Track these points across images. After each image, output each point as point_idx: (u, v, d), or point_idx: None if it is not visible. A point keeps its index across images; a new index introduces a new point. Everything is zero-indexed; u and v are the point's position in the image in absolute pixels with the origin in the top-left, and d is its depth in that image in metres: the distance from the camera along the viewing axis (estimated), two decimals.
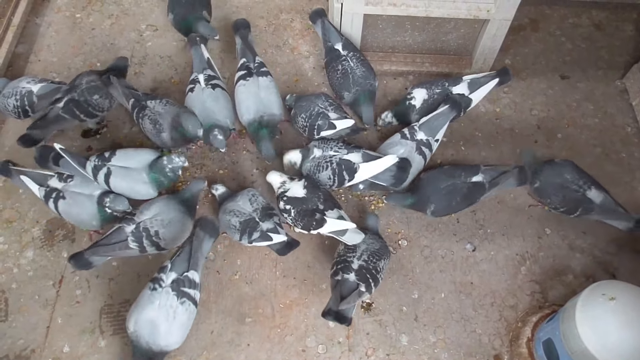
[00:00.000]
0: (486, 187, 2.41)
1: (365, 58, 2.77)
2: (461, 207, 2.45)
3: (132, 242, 2.22)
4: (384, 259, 2.24)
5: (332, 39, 2.77)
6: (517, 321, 2.37)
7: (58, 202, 2.34)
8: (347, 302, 2.09)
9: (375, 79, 2.75)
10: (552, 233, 2.58)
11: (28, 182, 2.39)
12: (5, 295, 2.37)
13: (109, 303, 2.37)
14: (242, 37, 2.78)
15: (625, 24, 3.28)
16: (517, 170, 2.43)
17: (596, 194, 2.38)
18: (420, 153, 2.50)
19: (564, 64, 3.12)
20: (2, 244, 2.49)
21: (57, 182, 2.39)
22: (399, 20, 2.81)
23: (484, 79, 2.66)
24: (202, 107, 2.56)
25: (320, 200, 2.35)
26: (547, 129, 2.87)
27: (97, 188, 2.38)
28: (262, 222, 2.30)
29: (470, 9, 2.64)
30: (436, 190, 2.41)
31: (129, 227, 2.24)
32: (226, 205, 2.38)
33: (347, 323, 2.13)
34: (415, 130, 2.53)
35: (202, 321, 2.34)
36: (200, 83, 2.60)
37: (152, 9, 3.26)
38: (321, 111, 2.56)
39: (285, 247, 2.35)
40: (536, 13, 3.31)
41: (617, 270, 2.49)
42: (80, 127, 2.80)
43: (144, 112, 2.50)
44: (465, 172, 2.44)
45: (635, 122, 2.90)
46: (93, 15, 3.23)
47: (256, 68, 2.67)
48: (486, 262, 2.50)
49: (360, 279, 2.14)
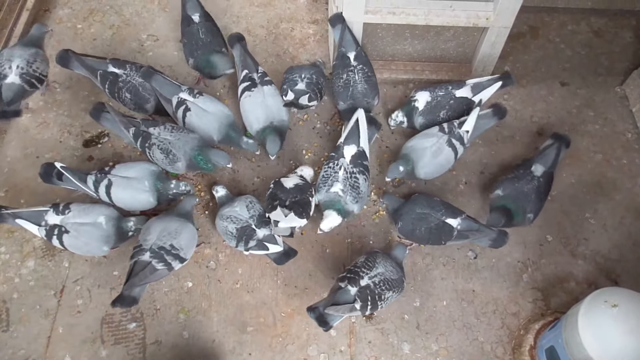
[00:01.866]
0: (454, 234, 2.32)
1: (372, 74, 2.73)
2: (424, 239, 2.38)
3: (158, 264, 2.20)
4: (393, 291, 2.16)
5: (347, 47, 2.72)
6: (520, 329, 2.36)
7: (62, 238, 2.28)
8: (336, 310, 2.07)
9: (376, 98, 2.73)
10: (554, 240, 2.57)
11: (25, 224, 2.30)
12: (6, 305, 2.37)
13: (110, 313, 2.36)
14: (243, 48, 2.78)
15: (624, 30, 3.29)
16: (497, 234, 2.33)
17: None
18: (450, 145, 2.49)
19: (564, 71, 3.12)
20: (4, 253, 2.49)
21: (54, 216, 2.30)
22: (398, 28, 2.82)
23: (487, 82, 2.66)
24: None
25: (294, 198, 2.37)
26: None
27: (99, 213, 2.33)
28: (259, 229, 2.30)
29: (470, 17, 2.65)
30: (410, 212, 2.37)
31: (146, 255, 2.19)
32: (223, 211, 2.38)
33: (325, 328, 2.10)
34: (454, 126, 2.53)
35: (204, 330, 2.33)
36: (188, 99, 2.57)
37: (153, 19, 3.28)
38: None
39: (283, 256, 2.35)
40: (535, 20, 3.32)
41: (619, 277, 2.48)
42: (82, 138, 2.81)
43: (150, 141, 2.46)
44: (445, 209, 2.35)
45: (636, 128, 2.90)
46: (94, 26, 3.25)
47: (260, 78, 2.68)
48: (488, 270, 2.50)
49: (361, 297, 2.09)
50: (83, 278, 2.43)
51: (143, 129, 2.48)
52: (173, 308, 2.38)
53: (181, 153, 2.46)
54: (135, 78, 2.63)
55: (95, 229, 2.30)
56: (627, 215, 2.64)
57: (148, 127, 2.48)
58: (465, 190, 2.71)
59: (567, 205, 2.65)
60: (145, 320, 2.35)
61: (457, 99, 2.64)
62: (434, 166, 2.52)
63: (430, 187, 2.69)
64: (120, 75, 2.62)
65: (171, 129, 2.50)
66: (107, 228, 2.31)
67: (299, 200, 2.39)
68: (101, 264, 2.46)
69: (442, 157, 2.49)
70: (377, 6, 2.65)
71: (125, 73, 2.63)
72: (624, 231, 2.60)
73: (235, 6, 3.35)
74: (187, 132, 2.52)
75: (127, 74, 2.63)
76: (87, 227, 2.29)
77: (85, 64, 2.64)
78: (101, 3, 3.35)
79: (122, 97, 2.63)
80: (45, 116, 2.88)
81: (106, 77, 2.62)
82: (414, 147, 2.52)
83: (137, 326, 2.34)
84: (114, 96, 2.65)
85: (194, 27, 2.81)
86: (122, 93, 2.62)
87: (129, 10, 3.33)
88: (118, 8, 3.33)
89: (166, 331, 2.33)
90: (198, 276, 2.45)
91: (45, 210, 2.31)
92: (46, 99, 2.93)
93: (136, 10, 3.33)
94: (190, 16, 2.84)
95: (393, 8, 2.65)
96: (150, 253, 2.19)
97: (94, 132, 2.83)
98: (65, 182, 2.42)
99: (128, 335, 2.32)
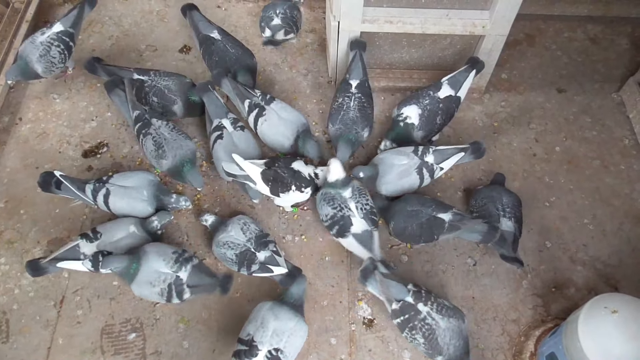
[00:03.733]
0: (445, 227, 2.32)
1: (369, 106, 2.65)
2: (416, 236, 2.38)
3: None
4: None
5: (352, 74, 2.66)
6: (520, 335, 2.36)
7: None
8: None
9: (366, 130, 2.64)
10: (553, 246, 2.57)
11: (67, 264, 2.28)
12: (6, 316, 2.36)
13: (110, 323, 2.36)
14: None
15: (620, 37, 3.31)
16: (488, 229, 2.33)
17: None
18: (419, 173, 2.49)
19: (561, 78, 3.14)
20: (4, 264, 2.49)
21: (88, 245, 2.30)
22: (395, 37, 2.84)
23: (460, 74, 2.65)
24: (235, 151, 2.48)
25: (284, 173, 2.41)
26: (546, 142, 2.88)
27: (128, 224, 2.35)
28: (259, 252, 2.29)
29: (466, 25, 2.67)
30: (402, 210, 2.39)
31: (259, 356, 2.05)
32: (219, 238, 2.35)
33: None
34: (427, 151, 2.50)
35: (204, 340, 2.33)
36: (227, 128, 2.57)
37: (151, 30, 3.30)
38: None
39: (288, 277, 2.33)
40: (532, 28, 3.34)
41: (619, 282, 2.49)
42: (81, 148, 2.82)
43: (147, 129, 2.52)
44: (436, 205, 2.37)
45: (633, 134, 2.91)
46: (93, 37, 3.27)
47: (262, 99, 2.63)
48: (487, 276, 2.50)
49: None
50: (83, 288, 2.43)
51: (147, 116, 2.54)
52: (173, 318, 2.38)
53: (171, 154, 2.49)
54: (160, 82, 2.69)
55: (132, 239, 2.33)
56: (625, 221, 2.64)
57: (152, 116, 2.55)
58: (463, 197, 2.71)
59: (565, 211, 2.66)
60: (145, 330, 2.35)
61: (444, 99, 2.62)
62: (396, 186, 2.51)
63: (429, 194, 2.69)
64: (145, 81, 2.69)
65: (172, 128, 2.54)
66: (140, 234, 2.34)
67: (283, 177, 2.40)
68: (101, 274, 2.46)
69: (406, 180, 2.48)
70: (374, 15, 2.67)
71: (150, 79, 2.70)
72: (623, 237, 2.60)
73: (233, 16, 3.37)
74: (185, 138, 2.55)
75: (151, 79, 2.70)
76: (124, 240, 2.32)
77: (112, 72, 2.75)
78: (100, 14, 3.37)
79: (150, 101, 2.69)
80: (45, 127, 2.89)
81: (132, 84, 2.68)
82: (384, 160, 2.51)
83: (136, 336, 2.33)
84: (141, 102, 2.70)
85: (220, 44, 2.84)
86: (149, 97, 2.68)
87: (128, 21, 3.35)
88: (117, 19, 3.35)
89: (166, 341, 2.33)
90: None
91: (76, 244, 2.30)
92: (45, 109, 2.94)
93: (135, 20, 3.36)
94: (209, 35, 2.86)
95: (390, 17, 2.67)
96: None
97: (93, 142, 2.84)
98: (64, 191, 2.43)
99: (128, 346, 2.31)
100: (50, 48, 2.72)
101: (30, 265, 2.28)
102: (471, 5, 2.64)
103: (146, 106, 2.68)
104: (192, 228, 2.58)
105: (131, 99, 2.57)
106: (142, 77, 2.70)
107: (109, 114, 2.94)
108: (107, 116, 2.93)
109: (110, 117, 2.93)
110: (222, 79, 2.65)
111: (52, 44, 2.72)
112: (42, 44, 2.71)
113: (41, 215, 2.60)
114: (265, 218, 2.63)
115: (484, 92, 3.05)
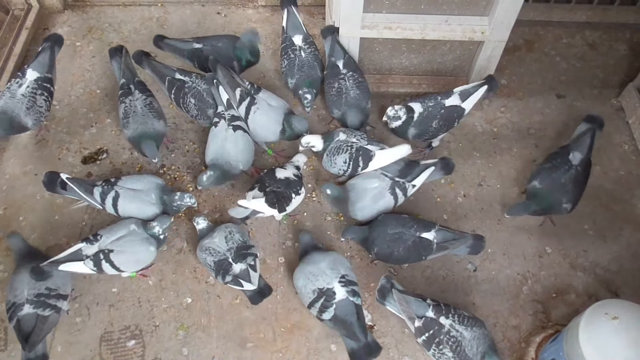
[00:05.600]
0: (434, 248, 2.31)
1: (363, 80, 2.78)
2: (402, 259, 2.37)
3: (44, 311, 2.17)
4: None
5: (336, 56, 2.77)
6: (521, 342, 2.35)
7: (110, 258, 2.26)
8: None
9: (369, 102, 2.77)
10: (553, 252, 2.57)
11: (69, 266, 2.25)
12: (4, 324, 2.35)
13: (109, 330, 2.35)
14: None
15: (618, 43, 3.32)
16: (473, 239, 2.35)
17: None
18: (392, 193, 2.47)
19: (560, 84, 3.15)
20: (2, 271, 2.48)
21: (90, 247, 2.28)
22: (395, 43, 2.85)
23: (472, 88, 2.65)
24: (221, 145, 2.58)
25: (277, 188, 2.43)
26: (545, 148, 2.88)
27: (128, 223, 2.35)
28: (235, 264, 2.28)
29: (465, 31, 2.68)
30: (382, 234, 2.34)
31: (25, 308, 2.15)
32: (203, 242, 2.36)
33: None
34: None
35: (204, 346, 2.32)
36: (225, 120, 2.63)
37: (151, 36, 3.27)
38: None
39: (257, 295, 2.34)
40: (530, 34, 3.35)
41: (619, 288, 2.48)
42: (81, 154, 2.81)
43: (124, 98, 2.65)
44: (417, 225, 2.34)
45: (632, 140, 2.92)
46: (93, 44, 3.27)
47: (251, 87, 2.70)
48: (487, 282, 2.49)
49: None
50: (82, 295, 2.42)
51: (131, 86, 2.66)
52: (172, 324, 2.37)
53: (133, 126, 2.60)
54: (200, 84, 2.72)
55: (134, 236, 2.32)
56: (625, 226, 2.64)
57: (137, 88, 2.68)
58: (463, 202, 2.71)
59: (565, 217, 2.65)
60: (145, 338, 2.34)
61: (447, 108, 2.63)
62: (372, 210, 2.47)
63: (429, 200, 2.69)
64: (186, 82, 2.71)
65: (147, 104, 2.65)
66: (140, 232, 2.33)
67: (281, 192, 2.42)
68: (100, 280, 2.45)
69: (381, 202, 2.47)
70: (373, 21, 2.68)
71: (191, 80, 2.73)
72: (623, 242, 2.60)
73: (233, 23, 3.38)
74: (155, 117, 2.64)
75: (192, 81, 2.72)
76: (127, 237, 2.31)
77: (156, 68, 2.77)
78: (100, 21, 3.38)
79: (187, 102, 2.72)
80: (44, 133, 2.89)
81: (173, 83, 2.73)
82: (355, 186, 2.49)
83: (136, 343, 2.32)
84: (178, 102, 2.75)
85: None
86: (187, 98, 2.71)
87: (128, 28, 3.36)
88: (117, 25, 3.36)
89: (165, 348, 2.31)
90: (197, 292, 2.44)
91: (79, 248, 2.29)
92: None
93: (134, 27, 3.36)
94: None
95: (389, 23, 2.68)
96: (29, 304, 2.15)
97: (93, 149, 2.84)
98: (69, 191, 2.41)
99: (127, 353, 2.30)
100: (36, 98, 2.62)
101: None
102: (470, 11, 2.65)
103: (183, 106, 2.75)
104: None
105: (124, 68, 2.69)
106: (184, 78, 2.73)
107: (109, 120, 2.94)
108: (107, 122, 2.93)
109: (109, 123, 2.93)
110: (217, 66, 2.69)
111: (37, 94, 2.63)
112: (25, 96, 2.60)
113: (40, 221, 2.60)
114: (266, 223, 2.63)
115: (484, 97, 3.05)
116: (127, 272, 2.40)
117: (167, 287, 2.45)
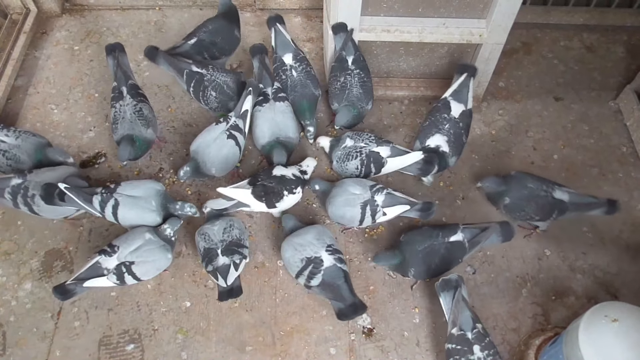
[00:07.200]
0: (466, 247, 2.32)
1: (368, 80, 2.76)
2: (442, 269, 2.35)
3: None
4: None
5: (347, 51, 2.72)
6: (520, 344, 2.35)
7: (132, 270, 2.25)
8: None
9: (370, 103, 2.77)
10: (552, 254, 2.57)
11: (93, 282, 2.23)
12: (3, 328, 2.34)
13: (108, 334, 2.34)
14: (261, 62, 2.80)
15: (615, 45, 3.33)
16: (500, 225, 2.35)
17: (562, 192, 2.41)
18: (362, 209, 2.39)
19: (558, 86, 3.15)
20: (0, 276, 2.47)
21: (109, 259, 2.26)
22: (393, 46, 2.85)
23: (461, 86, 2.61)
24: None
25: (269, 183, 2.44)
26: (543, 150, 2.89)
27: (142, 231, 2.33)
28: (221, 257, 2.28)
29: (463, 34, 2.68)
30: (414, 253, 2.31)
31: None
32: (204, 226, 2.40)
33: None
34: (381, 191, 2.42)
35: (202, 350, 2.31)
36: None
37: (149, 40, 3.30)
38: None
39: (226, 293, 2.32)
40: (528, 36, 3.36)
41: (618, 291, 2.48)
42: (79, 158, 2.81)
43: (115, 102, 2.61)
44: (443, 231, 2.33)
45: (631, 142, 2.92)
46: (91, 47, 3.27)
47: (273, 94, 2.71)
48: (487, 285, 2.49)
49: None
50: (80, 299, 2.41)
51: (122, 89, 2.61)
52: (171, 328, 2.36)
53: (120, 132, 2.58)
54: (219, 77, 2.72)
55: (151, 245, 2.30)
56: (624, 228, 2.64)
57: (129, 92, 2.62)
58: (462, 205, 2.71)
59: (564, 220, 2.65)
60: (143, 341, 2.33)
61: (460, 118, 2.58)
62: (338, 210, 2.44)
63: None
64: (205, 75, 2.69)
65: (137, 111, 2.60)
66: (155, 239, 2.32)
67: (272, 186, 2.43)
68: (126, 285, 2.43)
69: (348, 209, 2.41)
70: (371, 24, 2.68)
71: (209, 73, 2.71)
72: (622, 245, 2.60)
73: None
74: (143, 125, 2.60)
75: (210, 74, 2.71)
76: (145, 247, 2.29)
77: (173, 62, 2.72)
78: (98, 25, 3.38)
79: (207, 95, 2.71)
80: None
81: (192, 76, 2.70)
82: (342, 184, 2.48)
83: (135, 347, 2.32)
84: (198, 96, 2.73)
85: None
86: (207, 91, 2.70)
87: (126, 32, 3.36)
88: (115, 29, 3.36)
89: (164, 352, 2.31)
90: (196, 295, 2.44)
91: (95, 261, 2.26)
92: (43, 120, 2.94)
93: (132, 31, 3.36)
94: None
95: (387, 26, 2.68)
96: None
97: (91, 152, 2.84)
98: (68, 202, 2.38)
99: (126, 357, 2.30)
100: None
101: (57, 290, 2.24)
102: (468, 14, 2.65)
103: (203, 99, 2.73)
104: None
105: (116, 70, 2.65)
106: (201, 71, 2.69)
107: (107, 124, 2.93)
108: (105, 126, 2.93)
109: (108, 127, 2.92)
110: (256, 55, 2.79)
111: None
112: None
113: (38, 226, 2.59)
114: (266, 226, 2.63)
115: (482, 100, 3.06)
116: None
117: (165, 291, 2.44)
